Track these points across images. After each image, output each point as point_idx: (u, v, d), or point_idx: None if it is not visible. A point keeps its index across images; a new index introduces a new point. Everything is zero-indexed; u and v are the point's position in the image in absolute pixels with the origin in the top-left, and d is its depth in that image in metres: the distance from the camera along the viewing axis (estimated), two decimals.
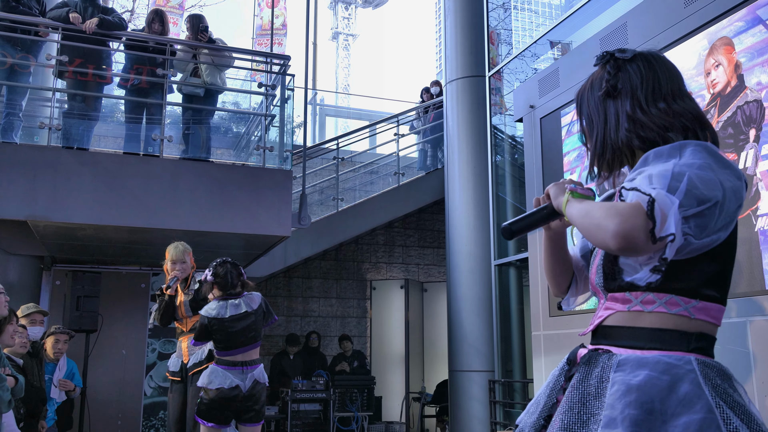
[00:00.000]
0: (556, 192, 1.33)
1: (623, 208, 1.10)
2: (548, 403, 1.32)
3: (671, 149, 1.22)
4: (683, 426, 1.09)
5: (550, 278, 1.53)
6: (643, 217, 1.08)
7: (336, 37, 40.76)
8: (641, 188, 1.12)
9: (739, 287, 3.38)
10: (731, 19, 3.66)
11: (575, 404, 1.20)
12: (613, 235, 1.09)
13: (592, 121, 1.38)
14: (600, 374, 1.20)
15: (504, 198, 7.20)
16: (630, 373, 1.16)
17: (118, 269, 7.02)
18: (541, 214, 1.37)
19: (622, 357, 1.20)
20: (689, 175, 1.13)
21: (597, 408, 1.17)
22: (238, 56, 6.48)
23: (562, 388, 1.31)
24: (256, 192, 5.50)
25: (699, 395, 1.12)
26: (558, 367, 1.38)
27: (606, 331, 1.29)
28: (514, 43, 7.87)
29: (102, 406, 6.60)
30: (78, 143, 5.42)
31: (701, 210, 1.12)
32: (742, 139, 3.50)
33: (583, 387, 1.22)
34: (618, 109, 1.34)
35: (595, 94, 1.38)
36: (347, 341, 8.24)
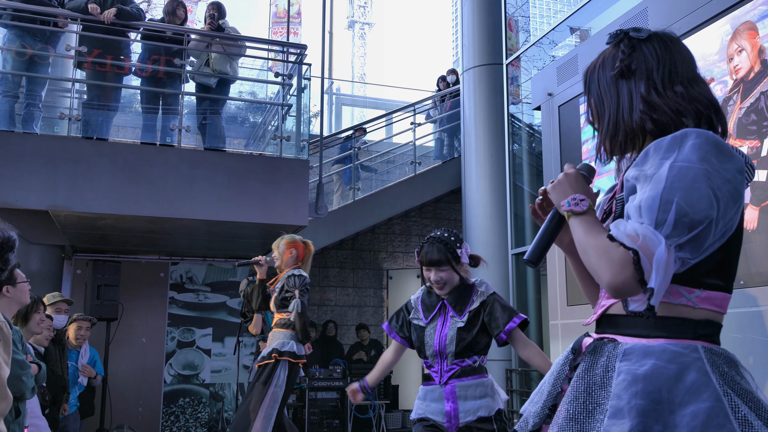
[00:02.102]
0: (557, 200, 1.30)
1: (615, 258, 1.12)
2: (552, 393, 1.31)
3: (672, 141, 1.18)
4: (691, 415, 1.08)
5: (583, 288, 1.47)
6: (632, 269, 1.10)
7: (352, 26, 40.64)
8: (628, 233, 1.12)
9: (759, 276, 3.34)
10: (755, 3, 3.59)
11: (581, 394, 1.19)
12: (608, 286, 1.14)
13: (603, 101, 1.34)
14: (606, 363, 1.19)
15: (521, 187, 7.16)
16: (636, 362, 1.15)
17: (138, 258, 7.08)
18: (552, 226, 1.33)
19: (628, 346, 1.19)
20: (678, 202, 1.11)
21: (603, 398, 1.16)
22: (254, 45, 6.48)
23: (567, 377, 1.30)
24: (272, 182, 5.52)
25: (707, 383, 1.11)
26: (562, 356, 1.36)
27: (611, 320, 1.28)
28: (532, 31, 7.79)
29: (123, 393, 6.68)
30: (97, 133, 5.46)
31: (694, 234, 1.12)
32: (766, 125, 3.44)
33: (588, 376, 1.20)
34: (632, 90, 1.30)
35: (606, 74, 1.35)
36: (364, 330, 8.27)
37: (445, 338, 2.76)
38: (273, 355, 4.15)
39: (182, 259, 7.24)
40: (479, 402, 2.64)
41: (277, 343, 4.19)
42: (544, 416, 1.29)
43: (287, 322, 4.24)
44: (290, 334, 4.23)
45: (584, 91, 1.40)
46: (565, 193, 1.29)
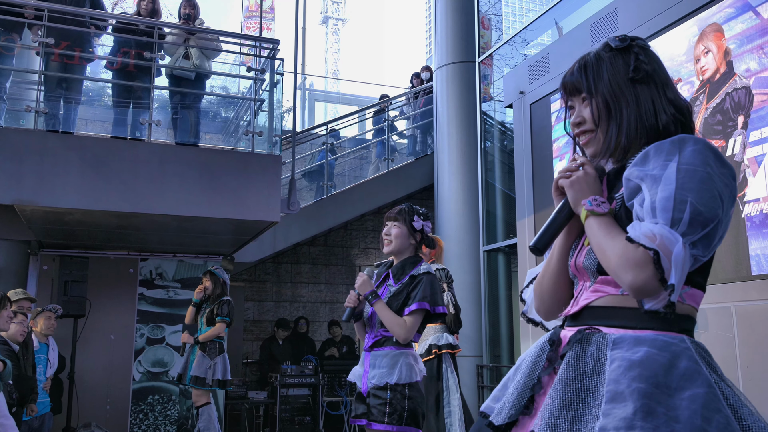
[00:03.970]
0: (575, 198, 1.33)
1: (634, 259, 1.15)
2: (528, 384, 1.31)
3: (671, 145, 1.23)
4: (689, 398, 1.11)
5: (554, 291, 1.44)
6: (652, 268, 1.13)
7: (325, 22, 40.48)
8: (644, 233, 1.15)
9: (725, 273, 3.41)
10: (721, 5, 3.66)
11: (572, 381, 1.20)
12: (630, 288, 1.17)
13: (617, 101, 1.34)
14: (595, 352, 1.21)
15: (493, 184, 7.22)
16: (629, 350, 1.17)
17: (106, 254, 6.98)
18: (561, 218, 1.37)
19: (617, 336, 1.22)
20: (691, 201, 1.15)
21: (595, 384, 1.18)
22: (226, 40, 6.42)
23: (544, 368, 1.31)
24: (245, 177, 5.47)
25: (698, 371, 1.15)
26: (535, 348, 1.37)
27: (594, 312, 1.30)
28: (504, 29, 7.85)
29: (90, 391, 6.58)
30: (64, 127, 5.36)
31: (706, 232, 1.17)
32: (731, 125, 3.51)
33: (578, 364, 1.22)
34: (652, 95, 1.33)
35: (619, 75, 1.35)
36: (337, 327, 8.26)
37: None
38: (433, 351, 4.24)
39: (152, 255, 7.15)
40: (381, 371, 2.73)
41: (433, 338, 4.27)
42: (521, 407, 1.30)
43: None
44: (441, 327, 4.32)
45: (584, 88, 1.38)
46: (583, 191, 1.32)
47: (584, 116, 1.38)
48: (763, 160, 3.26)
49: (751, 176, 3.32)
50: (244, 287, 8.51)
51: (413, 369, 2.73)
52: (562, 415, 1.18)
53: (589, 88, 1.37)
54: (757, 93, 3.36)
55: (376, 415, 2.68)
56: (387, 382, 2.69)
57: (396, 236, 2.84)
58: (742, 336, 3.27)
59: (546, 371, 1.30)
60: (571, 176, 1.35)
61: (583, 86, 1.39)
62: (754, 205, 3.29)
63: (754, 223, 3.28)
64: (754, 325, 3.22)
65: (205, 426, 5.50)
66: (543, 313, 1.49)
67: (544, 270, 1.46)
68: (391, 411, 2.65)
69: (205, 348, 5.59)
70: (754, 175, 3.30)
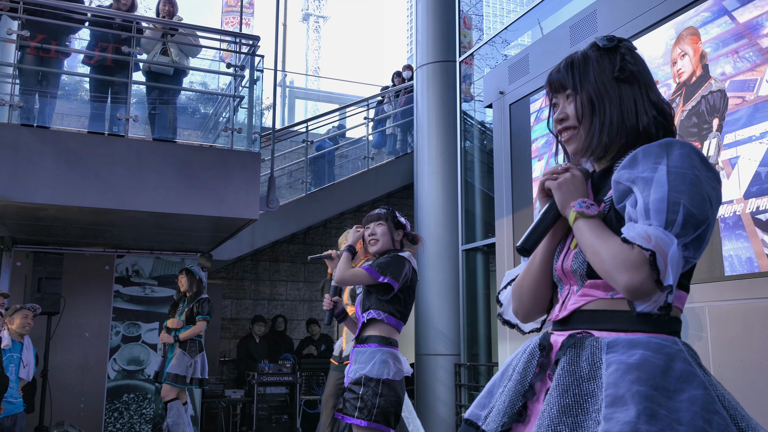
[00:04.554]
0: (562, 201, 1.32)
1: (630, 260, 1.15)
2: (520, 390, 1.29)
3: (659, 148, 1.23)
4: (689, 401, 1.11)
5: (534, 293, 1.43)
6: (648, 269, 1.14)
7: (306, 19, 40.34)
8: (639, 234, 1.15)
9: (699, 274, 3.46)
10: (698, 9, 3.72)
11: (570, 386, 1.19)
12: (625, 289, 1.17)
13: (602, 99, 1.35)
14: (590, 357, 1.20)
15: (472, 184, 7.25)
16: (624, 353, 1.17)
17: (82, 251, 6.88)
18: (548, 219, 1.36)
19: (611, 339, 1.21)
20: (684, 203, 1.16)
21: (593, 389, 1.17)
22: (206, 36, 6.37)
23: (535, 374, 1.29)
24: (223, 174, 5.44)
25: (693, 373, 1.15)
26: (523, 353, 1.35)
27: (584, 316, 1.29)
28: (485, 29, 7.88)
29: (64, 389, 6.50)
30: (39, 121, 5.28)
31: (698, 234, 1.17)
32: (706, 128, 3.56)
33: (574, 369, 1.21)
34: (635, 95, 1.34)
35: (605, 74, 1.36)
36: (315, 325, 8.24)
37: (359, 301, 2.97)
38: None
39: (128, 252, 7.07)
40: (359, 366, 2.79)
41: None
42: (514, 414, 1.27)
43: None
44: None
45: (569, 85, 1.38)
46: (571, 193, 1.32)
47: (568, 113, 1.38)
48: (737, 163, 3.32)
49: (726, 178, 3.37)
50: (222, 285, 8.45)
51: (388, 365, 2.76)
52: (562, 422, 1.16)
53: (575, 85, 1.37)
54: (731, 96, 3.41)
55: (348, 409, 2.72)
56: (361, 376, 2.74)
57: (382, 234, 2.92)
58: (715, 336, 3.32)
59: (538, 377, 1.29)
60: (558, 178, 1.34)
61: (568, 83, 1.39)
62: (727, 206, 3.35)
63: (727, 225, 3.33)
64: (726, 325, 3.27)
65: (174, 421, 5.46)
66: (521, 316, 1.48)
67: (525, 272, 1.45)
68: (361, 406, 2.69)
69: (185, 346, 5.55)
70: (728, 177, 3.36)
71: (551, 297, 1.44)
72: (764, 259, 3.14)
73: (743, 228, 3.24)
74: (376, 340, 2.81)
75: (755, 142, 3.23)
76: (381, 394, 2.70)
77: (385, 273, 2.79)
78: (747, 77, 3.35)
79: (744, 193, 3.26)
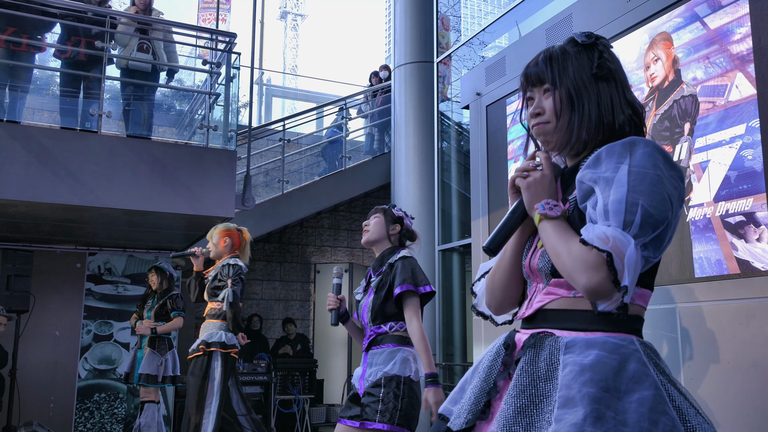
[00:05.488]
0: (529, 201, 1.32)
1: (589, 261, 1.16)
2: (485, 388, 1.31)
3: (622, 147, 1.24)
4: (638, 402, 1.12)
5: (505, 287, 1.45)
6: (606, 269, 1.14)
7: (284, 17, 40.15)
8: (597, 236, 1.16)
9: (670, 275, 3.51)
10: (671, 15, 3.77)
11: (526, 387, 1.21)
12: (584, 290, 1.18)
13: (580, 95, 1.34)
14: (548, 357, 1.22)
15: (449, 184, 7.28)
16: (580, 354, 1.18)
17: (52, 248, 6.77)
18: (514, 219, 1.36)
19: (569, 339, 1.23)
20: (642, 204, 1.17)
21: (549, 390, 1.18)
22: (182, 32, 6.31)
23: (499, 372, 1.31)
24: (199, 172, 5.39)
25: (646, 373, 1.16)
26: (491, 352, 1.37)
27: (547, 315, 1.31)
28: (463, 30, 7.92)
29: (33, 389, 6.38)
30: (9, 116, 5.18)
31: (657, 234, 1.18)
32: (678, 132, 3.62)
33: (532, 370, 1.22)
34: (612, 93, 1.35)
35: (584, 70, 1.35)
36: (291, 324, 8.21)
37: (367, 305, 2.78)
38: (200, 346, 4.09)
39: (101, 250, 6.97)
40: (378, 367, 2.63)
41: (206, 335, 4.15)
42: (478, 412, 1.29)
43: (218, 312, 4.19)
44: (220, 324, 4.17)
45: (548, 79, 1.37)
46: (538, 194, 1.32)
47: (544, 107, 1.37)
48: (707, 167, 3.38)
49: (696, 182, 3.42)
50: None
51: (409, 364, 2.63)
52: (517, 422, 1.17)
53: (554, 79, 1.36)
54: (702, 101, 3.47)
55: (369, 414, 2.54)
56: (382, 376, 2.57)
57: (374, 224, 2.83)
58: (685, 336, 3.37)
59: (501, 375, 1.30)
60: (528, 176, 1.34)
61: (547, 77, 1.37)
62: (698, 209, 3.40)
63: (697, 227, 3.39)
64: (696, 325, 3.33)
65: (146, 423, 5.40)
66: (493, 308, 1.50)
67: (496, 266, 1.46)
68: (383, 408, 2.53)
69: (154, 345, 5.49)
70: (699, 180, 3.41)
71: (523, 290, 1.45)
72: (733, 262, 3.20)
73: (713, 231, 3.30)
74: (392, 339, 2.67)
75: (725, 147, 3.29)
76: (403, 396, 2.56)
77: (419, 283, 2.66)
78: (717, 83, 3.41)
79: (714, 196, 3.32)
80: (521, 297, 1.46)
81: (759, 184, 3.11)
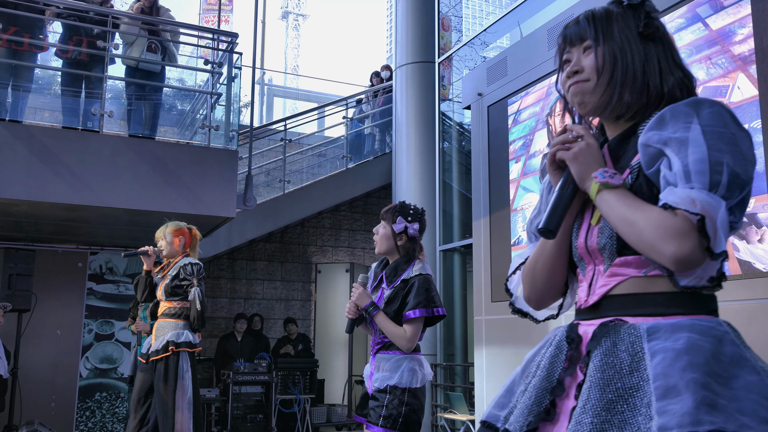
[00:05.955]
0: (580, 173, 1.19)
1: (675, 227, 1.03)
2: (547, 387, 1.17)
3: (688, 107, 1.12)
4: (744, 387, 1.00)
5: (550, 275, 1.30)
6: (697, 236, 1.02)
7: (286, 17, 40.16)
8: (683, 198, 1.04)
9: None
10: (672, 15, 3.77)
11: (611, 380, 1.06)
12: (672, 261, 1.05)
13: (624, 53, 1.22)
14: (630, 347, 1.08)
15: (450, 184, 7.28)
16: (667, 339, 1.05)
17: (54, 247, 6.78)
18: (567, 194, 1.22)
19: (649, 325, 1.09)
20: (727, 163, 1.05)
21: (636, 382, 1.04)
22: (184, 32, 6.31)
23: (564, 369, 1.17)
24: (200, 172, 5.39)
25: (743, 357, 1.04)
26: (547, 348, 1.24)
27: (615, 301, 1.17)
28: (465, 31, 7.92)
29: (35, 388, 6.39)
30: (11, 115, 5.19)
31: (743, 196, 1.08)
32: None
33: (613, 361, 1.08)
34: (659, 54, 1.23)
35: (630, 29, 1.24)
36: (292, 324, 8.21)
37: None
38: (170, 347, 4.00)
39: (102, 249, 6.98)
40: (384, 374, 2.68)
41: (171, 335, 4.01)
42: (541, 412, 1.15)
43: (177, 311, 4.10)
44: (183, 324, 4.09)
45: (590, 35, 1.25)
46: (589, 164, 1.18)
47: (584, 65, 1.25)
48: None
49: None
50: None
51: (416, 374, 2.68)
52: (607, 420, 1.03)
53: (596, 36, 1.24)
54: None
55: (373, 417, 2.65)
56: (387, 385, 2.65)
57: (381, 237, 2.78)
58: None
59: (567, 372, 1.17)
60: (573, 148, 1.20)
61: (589, 34, 1.25)
62: None
63: None
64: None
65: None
66: (534, 302, 1.35)
67: (537, 254, 1.31)
68: (386, 414, 2.61)
69: None
70: None
71: (566, 280, 1.32)
72: (734, 263, 3.20)
73: None
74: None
75: None
76: (407, 403, 2.63)
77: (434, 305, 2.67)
78: (719, 83, 3.41)
79: None
80: (564, 287, 1.33)
81: (761, 185, 3.11)
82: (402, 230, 2.78)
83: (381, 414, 2.62)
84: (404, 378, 2.65)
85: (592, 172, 1.17)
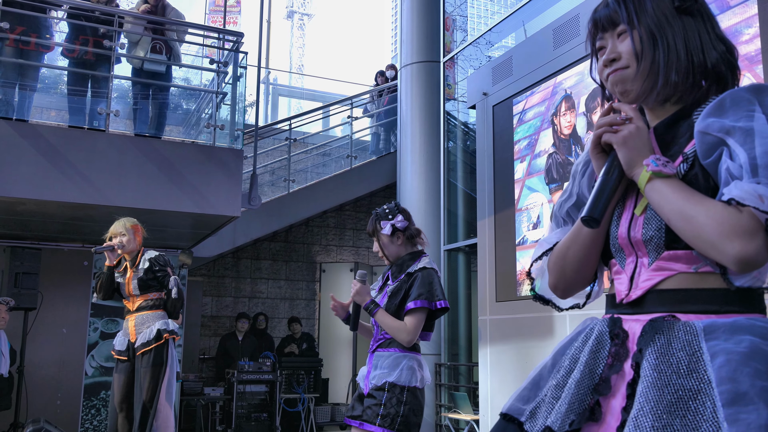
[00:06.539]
0: (629, 159, 1.11)
1: (741, 225, 0.97)
2: (589, 385, 1.09)
3: (749, 94, 1.04)
4: None
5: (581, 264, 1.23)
6: (764, 236, 0.96)
7: (291, 16, 40.21)
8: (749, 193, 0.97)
9: None
10: None
11: (670, 380, 0.99)
12: (735, 261, 0.98)
13: (663, 32, 1.14)
14: (685, 346, 1.01)
15: (455, 184, 7.27)
16: (728, 340, 0.98)
17: (60, 246, 6.81)
18: (613, 179, 1.13)
19: (706, 323, 1.02)
20: None
21: (694, 384, 0.98)
22: (190, 31, 6.33)
23: (608, 365, 1.10)
24: (205, 171, 5.41)
25: None
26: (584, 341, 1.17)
27: (663, 296, 1.09)
28: (470, 30, 7.92)
29: (40, 386, 6.42)
30: (18, 114, 5.21)
31: None
32: None
33: (669, 360, 1.01)
34: (699, 28, 1.15)
35: (663, 5, 1.15)
36: (296, 323, 8.23)
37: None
38: (165, 335, 4.04)
39: None
40: (382, 371, 2.62)
41: (160, 323, 4.06)
42: (586, 412, 1.07)
43: (156, 302, 4.13)
44: (162, 314, 4.12)
45: (622, 19, 1.17)
46: (639, 150, 1.10)
47: (620, 51, 1.16)
48: None
49: None
50: (203, 282, 8.40)
51: (415, 373, 2.61)
52: (669, 424, 0.96)
53: (630, 18, 1.15)
54: None
55: (369, 416, 2.55)
56: (386, 381, 2.58)
57: (383, 247, 2.79)
58: None
59: (614, 369, 1.09)
60: (621, 130, 1.11)
61: (621, 17, 1.16)
62: None
63: None
64: None
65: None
66: (561, 290, 1.28)
67: (570, 240, 1.23)
68: (384, 413, 2.52)
69: None
70: None
71: (596, 269, 1.25)
72: None
73: None
74: (400, 344, 2.65)
75: None
76: (405, 402, 2.55)
77: (435, 298, 2.64)
78: None
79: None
80: (593, 276, 1.26)
81: None
82: (392, 231, 2.78)
83: (378, 413, 2.53)
84: (403, 376, 2.59)
85: (642, 159, 1.09)
